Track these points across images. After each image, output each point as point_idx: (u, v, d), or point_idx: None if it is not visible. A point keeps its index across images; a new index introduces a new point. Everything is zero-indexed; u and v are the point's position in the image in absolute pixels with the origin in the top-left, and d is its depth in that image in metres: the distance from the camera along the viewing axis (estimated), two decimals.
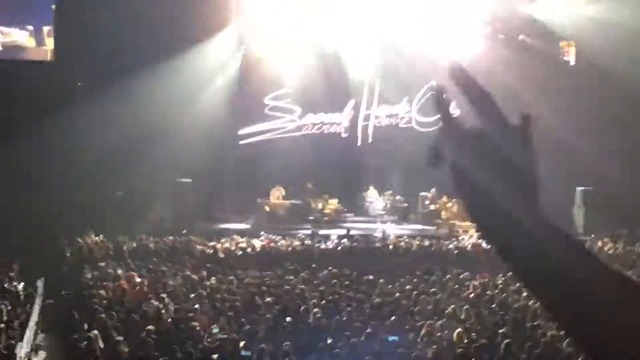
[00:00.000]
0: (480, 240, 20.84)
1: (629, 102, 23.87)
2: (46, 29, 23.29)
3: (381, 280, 16.96)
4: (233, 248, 20.87)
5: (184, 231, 21.51)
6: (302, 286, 16.80)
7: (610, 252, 20.88)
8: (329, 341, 12.96)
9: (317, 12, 23.82)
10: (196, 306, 15.02)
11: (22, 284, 17.51)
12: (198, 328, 13.53)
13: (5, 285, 16.78)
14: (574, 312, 1.12)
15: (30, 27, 22.69)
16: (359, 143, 25.80)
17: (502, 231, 1.02)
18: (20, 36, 23.37)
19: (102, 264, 18.44)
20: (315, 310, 14.59)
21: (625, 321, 1.02)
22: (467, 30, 24.68)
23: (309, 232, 22.72)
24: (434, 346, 12.78)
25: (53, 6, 23.35)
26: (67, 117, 21.01)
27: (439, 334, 13.38)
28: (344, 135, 25.91)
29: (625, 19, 22.84)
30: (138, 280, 16.75)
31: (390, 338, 13.50)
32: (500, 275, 17.55)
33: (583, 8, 23.58)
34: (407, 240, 22.18)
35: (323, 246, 21.30)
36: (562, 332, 7.68)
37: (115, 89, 21.29)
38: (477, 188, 1.05)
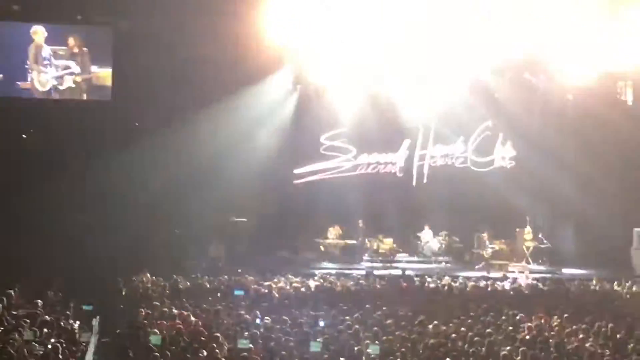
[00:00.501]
0: (534, 281, 21.17)
1: None
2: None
3: (435, 322, 15.77)
4: (288, 287, 20.56)
5: (239, 270, 21.19)
6: (356, 326, 15.00)
7: None
8: None
9: (372, 51, 22.53)
10: (250, 345, 14.14)
11: (78, 322, 16.84)
12: None
13: (62, 323, 15.89)
14: None
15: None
16: (414, 183, 25.32)
17: None
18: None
19: (157, 303, 17.82)
20: (369, 351, 13.05)
21: None
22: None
23: (363, 272, 22.39)
24: None
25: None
26: (123, 157, 21.33)
27: None
28: (399, 175, 25.42)
29: None
30: (193, 319, 15.85)
31: None
32: (556, 317, 16.41)
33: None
34: (462, 280, 21.70)
35: (378, 286, 20.74)
36: None
37: (172, 130, 21.75)
38: None
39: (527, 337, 14.82)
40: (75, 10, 23.06)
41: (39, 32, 22.68)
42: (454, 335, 14.64)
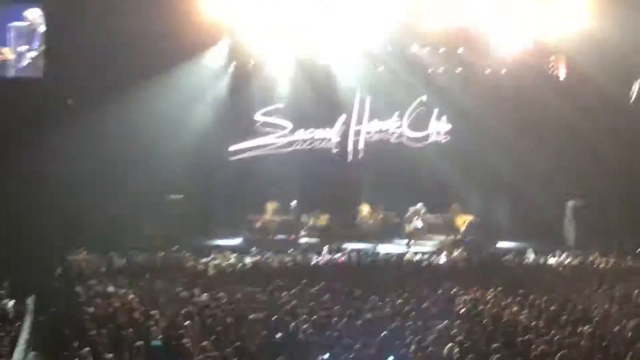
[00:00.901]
0: (467, 255, 22.14)
1: (620, 115, 24.13)
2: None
3: (373, 297, 15.94)
4: (224, 265, 20.95)
5: (175, 247, 21.65)
6: (294, 302, 15.93)
7: (601, 266, 21.13)
8: (319, 358, 11.89)
9: (307, 27, 23.26)
10: (187, 323, 13.85)
11: (13, 301, 16.20)
12: (188, 345, 12.16)
13: None
14: None
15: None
16: (349, 159, 25.75)
17: None
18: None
19: (93, 282, 18.16)
20: (306, 326, 13.66)
21: None
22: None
23: (300, 248, 23.47)
24: None
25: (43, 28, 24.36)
26: (57, 134, 21.93)
27: (429, 349, 12.18)
28: (334, 150, 25.82)
29: (613, 35, 23.26)
30: (130, 297, 16.13)
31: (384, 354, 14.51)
32: (491, 290, 17.09)
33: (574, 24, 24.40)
34: (398, 255, 22.49)
35: (314, 262, 21.31)
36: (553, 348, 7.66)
37: (105, 107, 21.76)
38: None
39: (461, 308, 15.42)
40: None
41: None
42: (389, 309, 15.14)
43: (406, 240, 23.85)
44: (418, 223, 24.34)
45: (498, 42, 24.57)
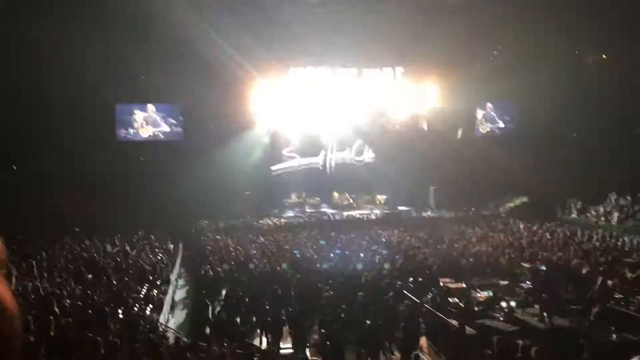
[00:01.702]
0: (386, 214, 32.67)
1: (452, 145, 35.63)
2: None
3: (341, 235, 25.68)
4: (270, 223, 30.89)
5: (247, 216, 31.57)
6: (303, 240, 25.05)
7: (446, 216, 32.85)
8: (318, 265, 19.42)
9: (306, 107, 35.63)
10: (254, 252, 22.16)
11: (172, 245, 25.06)
12: (255, 261, 20.20)
13: (164, 246, 24.01)
14: None
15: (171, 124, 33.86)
16: (328, 172, 36.70)
17: None
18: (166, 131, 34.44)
19: (210, 234, 26.89)
20: (311, 250, 22.35)
21: None
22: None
23: (307, 214, 33.35)
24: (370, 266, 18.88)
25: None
26: (192, 166, 30.91)
27: (369, 258, 20.32)
28: (320, 168, 36.81)
29: (448, 107, 35.34)
30: (227, 241, 24.57)
31: (337, 252, 21.50)
32: (397, 230, 27.25)
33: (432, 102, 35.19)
34: (353, 215, 33.35)
35: (313, 220, 31.39)
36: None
37: (212, 154, 31.94)
38: None
39: (383, 239, 24.48)
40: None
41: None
42: (348, 242, 23.84)
43: (356, 209, 34.82)
44: (363, 201, 36.32)
45: (395, 113, 36.69)
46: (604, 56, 34.52)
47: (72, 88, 28.43)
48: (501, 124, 37.56)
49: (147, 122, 34.33)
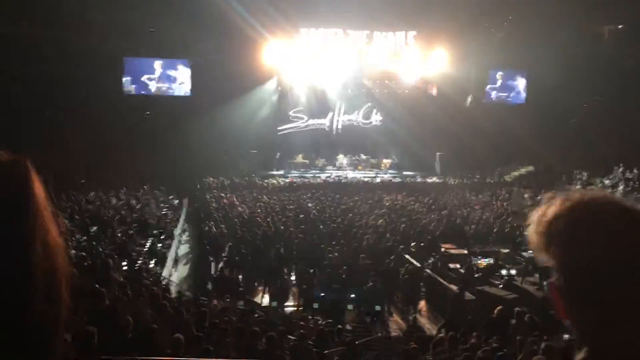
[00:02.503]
0: (391, 178, 32.31)
1: (462, 112, 34.77)
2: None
3: (345, 198, 25.26)
4: (275, 182, 30.71)
5: (252, 175, 31.49)
6: (307, 200, 25.06)
7: (451, 182, 32.33)
8: (321, 226, 19.50)
9: (314, 71, 35.04)
10: (258, 210, 22.28)
11: (177, 200, 25.89)
12: (259, 219, 20.17)
13: (169, 201, 25.04)
14: None
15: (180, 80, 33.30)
16: (334, 133, 36.85)
17: None
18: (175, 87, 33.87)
19: (215, 191, 26.55)
20: (314, 211, 22.19)
21: None
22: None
23: (312, 175, 32.92)
24: (370, 230, 18.77)
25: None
26: (199, 123, 30.70)
27: (372, 221, 20.07)
28: (327, 129, 36.84)
29: (458, 73, 34.36)
30: (231, 198, 24.34)
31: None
32: (400, 195, 26.51)
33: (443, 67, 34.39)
34: (357, 178, 32.29)
35: (319, 181, 31.08)
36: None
37: (220, 111, 31.96)
38: None
39: (387, 203, 24.18)
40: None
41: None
42: (352, 203, 23.94)
43: (361, 171, 34.86)
44: (367, 164, 35.76)
45: (405, 78, 35.72)
46: (619, 27, 33.77)
47: (78, 38, 28.39)
48: (511, 92, 37.44)
49: (155, 77, 34.11)
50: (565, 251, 1.04)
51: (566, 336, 8.13)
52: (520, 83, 37.28)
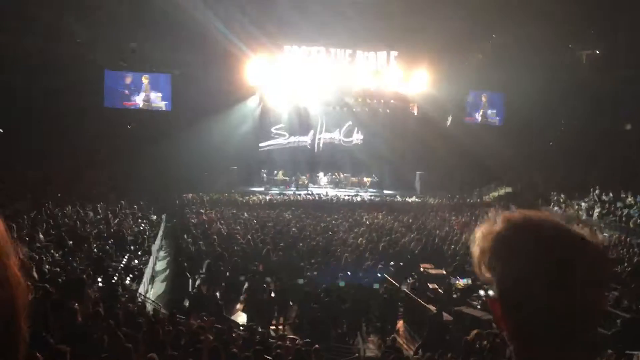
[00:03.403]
0: (371, 197, 32.07)
1: (442, 130, 35.84)
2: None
3: (325, 215, 25.48)
4: (255, 199, 30.41)
5: (232, 191, 31.58)
6: (288, 217, 25.03)
7: (430, 202, 32.11)
8: (300, 245, 18.98)
9: (296, 89, 35.65)
10: (238, 227, 22.08)
11: (155, 216, 25.29)
12: (238, 237, 19.91)
13: (147, 216, 24.36)
14: None
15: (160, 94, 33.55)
16: (315, 151, 37.14)
17: None
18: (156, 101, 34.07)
19: (194, 207, 26.47)
20: (294, 229, 21.89)
21: None
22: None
23: (291, 192, 32.95)
24: (349, 249, 18.68)
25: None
26: (177, 139, 30.93)
27: (351, 240, 20.26)
28: (308, 147, 37.11)
29: (438, 93, 34.99)
30: (210, 215, 24.34)
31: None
32: (380, 213, 26.79)
33: (424, 87, 35.31)
34: (338, 196, 32.44)
35: (299, 198, 31.01)
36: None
37: (200, 126, 31.87)
38: None
39: (367, 221, 24.23)
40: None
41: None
42: (334, 221, 23.93)
43: (342, 189, 35.03)
44: (349, 182, 35.99)
45: (388, 97, 36.27)
46: (597, 52, 34.22)
47: (61, 51, 28.12)
48: (490, 114, 38.15)
49: (135, 91, 34.21)
50: (504, 265, 1.09)
51: None
52: (499, 104, 38.28)
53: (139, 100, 34.30)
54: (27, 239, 14.76)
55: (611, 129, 32.91)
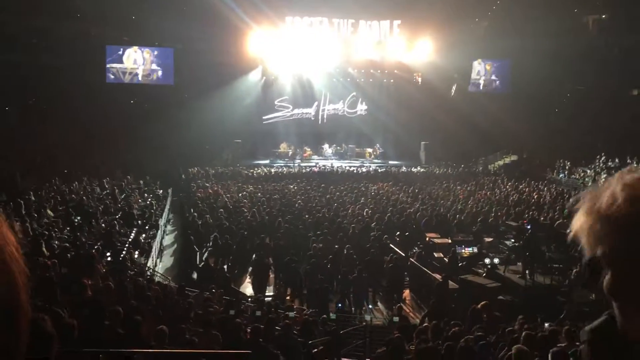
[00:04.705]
0: (376, 168, 31.85)
1: (445, 100, 35.62)
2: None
3: (331, 187, 25.17)
4: (260, 172, 30.49)
5: (238, 165, 31.73)
6: (293, 189, 25.10)
7: (436, 172, 32.05)
8: (306, 216, 19.16)
9: (299, 60, 35.34)
10: (244, 200, 22.31)
11: (161, 190, 25.72)
12: (245, 209, 20.22)
13: (153, 191, 24.73)
14: None
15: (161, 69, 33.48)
16: (319, 122, 37.26)
17: None
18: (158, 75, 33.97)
19: (199, 181, 26.56)
20: (299, 199, 22.09)
21: None
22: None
23: (297, 164, 33.26)
24: (355, 220, 18.82)
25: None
26: (179, 113, 31.20)
27: (357, 210, 20.19)
28: (312, 118, 37.17)
29: (443, 62, 34.83)
30: (216, 188, 24.25)
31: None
32: (386, 184, 26.72)
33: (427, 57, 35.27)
34: (343, 167, 32.46)
35: (304, 171, 31.04)
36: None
37: (203, 100, 31.93)
38: None
39: (372, 192, 24.36)
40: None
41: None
42: (338, 193, 23.91)
43: (347, 160, 34.97)
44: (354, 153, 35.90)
45: (391, 66, 36.26)
46: (603, 16, 33.79)
47: (61, 26, 27.92)
48: (495, 82, 37.98)
49: (138, 65, 34.23)
50: (628, 238, 0.95)
51: (547, 325, 8.20)
52: (504, 72, 37.98)
53: (141, 75, 34.36)
54: (36, 215, 14.74)
55: (618, 94, 32.76)
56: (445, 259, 15.18)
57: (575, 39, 32.93)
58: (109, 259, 12.25)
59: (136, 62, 33.68)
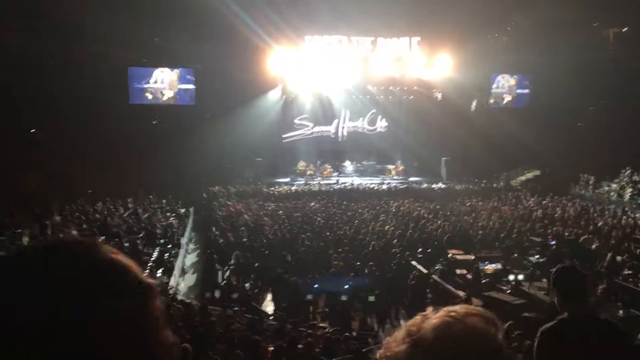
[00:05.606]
0: (397, 185, 31.46)
1: (466, 116, 35.38)
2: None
3: (352, 204, 25.56)
4: (281, 190, 30.67)
5: (259, 183, 31.75)
6: (314, 207, 25.22)
7: (457, 188, 31.89)
8: (327, 233, 19.28)
9: (319, 79, 35.18)
10: (265, 218, 22.51)
11: (183, 209, 25.82)
12: (266, 227, 20.27)
13: (175, 210, 24.99)
14: None
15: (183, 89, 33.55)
16: (339, 140, 37.03)
17: None
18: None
19: (221, 199, 26.75)
20: (319, 217, 22.31)
21: None
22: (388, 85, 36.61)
23: (317, 182, 32.80)
24: (376, 237, 18.68)
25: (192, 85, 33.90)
26: (203, 134, 30.79)
27: (378, 227, 20.22)
28: (332, 136, 37.04)
29: (462, 78, 34.34)
30: (238, 207, 24.57)
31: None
32: (407, 200, 26.67)
33: (447, 72, 34.61)
34: (363, 184, 32.15)
35: (324, 188, 30.95)
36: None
37: (224, 119, 31.75)
38: None
39: (393, 209, 24.26)
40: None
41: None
42: (360, 210, 24.07)
43: (367, 177, 34.17)
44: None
45: (410, 83, 36.14)
46: (624, 29, 33.54)
47: (83, 50, 28.33)
48: (516, 97, 37.77)
49: (160, 86, 34.33)
50: None
51: None
52: (525, 86, 37.77)
53: (163, 96, 34.49)
54: (61, 235, 14.88)
55: None
56: (468, 275, 14.97)
57: (596, 52, 32.71)
58: None
59: (164, 81, 34.12)
